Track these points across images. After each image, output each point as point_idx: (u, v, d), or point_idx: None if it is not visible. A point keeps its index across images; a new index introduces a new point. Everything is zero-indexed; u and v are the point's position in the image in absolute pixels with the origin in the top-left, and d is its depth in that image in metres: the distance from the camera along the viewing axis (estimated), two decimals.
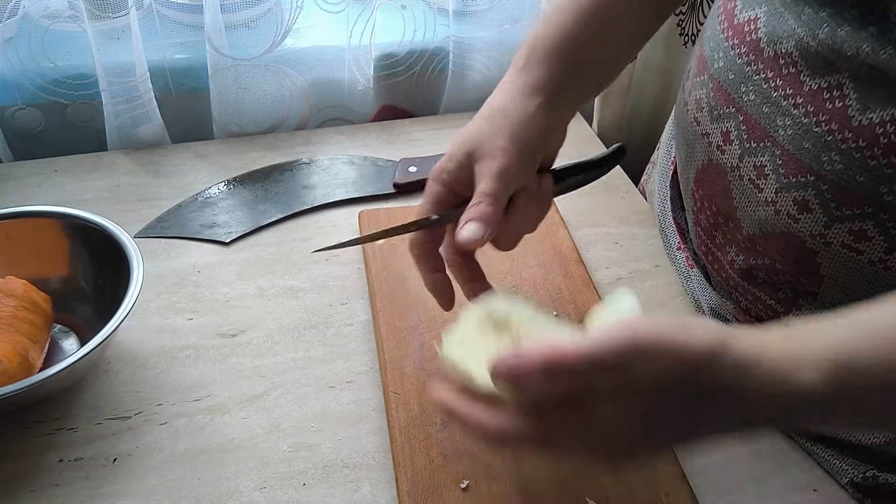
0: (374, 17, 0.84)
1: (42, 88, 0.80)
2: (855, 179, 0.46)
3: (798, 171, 0.48)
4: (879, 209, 0.45)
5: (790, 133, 0.48)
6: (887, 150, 0.44)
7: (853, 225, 0.47)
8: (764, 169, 0.51)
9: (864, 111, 0.44)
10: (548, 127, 0.52)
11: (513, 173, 0.50)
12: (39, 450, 0.53)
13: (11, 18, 0.76)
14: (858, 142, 0.45)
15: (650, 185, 0.80)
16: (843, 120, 0.45)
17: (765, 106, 0.50)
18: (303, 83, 0.87)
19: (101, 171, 0.80)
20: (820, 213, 0.48)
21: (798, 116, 0.48)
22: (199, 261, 0.70)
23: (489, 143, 0.50)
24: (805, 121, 0.47)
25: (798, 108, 0.48)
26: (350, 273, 0.69)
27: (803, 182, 0.48)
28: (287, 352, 0.62)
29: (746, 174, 0.52)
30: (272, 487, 0.52)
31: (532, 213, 0.53)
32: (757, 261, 0.55)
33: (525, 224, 0.53)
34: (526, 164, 0.51)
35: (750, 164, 0.52)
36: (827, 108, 0.46)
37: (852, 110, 0.45)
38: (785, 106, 0.49)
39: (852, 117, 0.45)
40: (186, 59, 0.84)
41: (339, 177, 0.81)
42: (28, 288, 0.57)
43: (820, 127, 0.46)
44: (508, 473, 0.52)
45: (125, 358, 0.60)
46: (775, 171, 0.50)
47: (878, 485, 0.53)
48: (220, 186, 0.79)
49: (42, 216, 0.61)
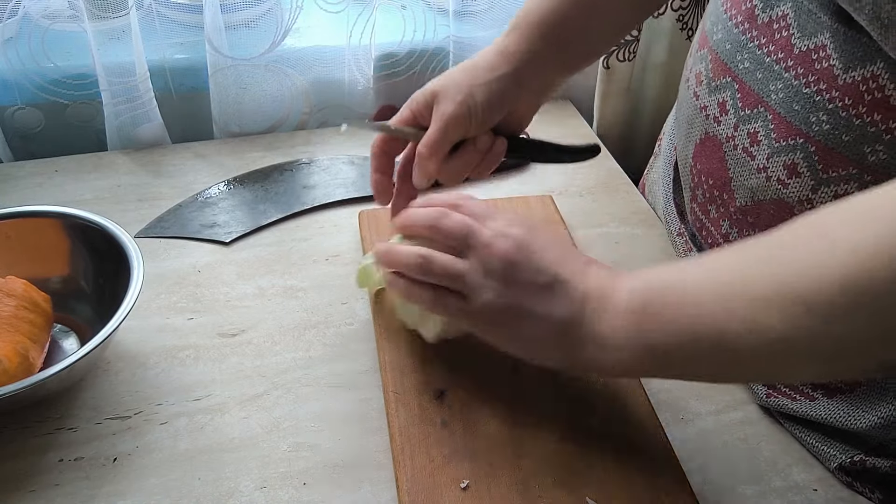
0: (374, 17, 0.84)
1: (42, 88, 0.80)
2: (841, 139, 0.47)
3: (788, 133, 0.50)
4: (863, 170, 0.47)
5: (781, 96, 0.51)
6: (871, 107, 0.45)
7: (838, 188, 0.48)
8: (757, 135, 0.53)
9: (846, 70, 0.46)
10: (507, 95, 0.57)
11: (458, 126, 0.56)
12: (39, 450, 0.53)
13: (11, 18, 0.76)
14: (845, 100, 0.46)
15: (652, 174, 0.80)
16: (829, 79, 0.47)
17: (758, 72, 0.52)
18: (303, 83, 0.87)
19: (102, 171, 0.80)
20: (808, 176, 0.50)
21: (789, 79, 0.50)
22: (199, 261, 0.70)
23: (450, 92, 0.56)
24: (795, 83, 0.49)
25: (789, 70, 0.50)
26: (350, 273, 0.69)
27: (793, 145, 0.50)
28: (287, 351, 0.62)
29: (741, 143, 0.55)
30: (272, 487, 0.52)
31: (473, 163, 0.59)
32: (748, 232, 0.56)
33: (465, 170, 0.59)
34: (474, 122, 0.57)
35: (744, 131, 0.54)
36: (815, 69, 0.48)
37: (837, 69, 0.46)
38: (777, 70, 0.51)
39: (837, 76, 0.47)
40: (186, 59, 0.84)
41: (339, 177, 0.81)
42: (28, 288, 0.57)
43: (809, 88, 0.48)
44: (508, 473, 0.52)
45: (125, 358, 0.60)
46: (767, 136, 0.52)
47: (865, 469, 0.54)
48: (220, 186, 0.79)
49: (42, 216, 0.61)
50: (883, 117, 0.45)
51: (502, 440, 0.54)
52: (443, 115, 0.56)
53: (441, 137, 0.56)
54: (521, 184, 0.82)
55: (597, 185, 0.83)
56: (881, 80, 0.44)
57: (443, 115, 0.56)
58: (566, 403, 0.56)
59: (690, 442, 0.57)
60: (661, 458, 0.53)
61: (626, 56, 0.91)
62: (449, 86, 0.57)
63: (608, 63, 0.92)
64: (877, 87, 0.44)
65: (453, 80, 0.57)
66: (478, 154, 0.59)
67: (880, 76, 0.44)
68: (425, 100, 0.58)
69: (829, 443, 0.56)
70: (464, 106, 0.56)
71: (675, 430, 0.57)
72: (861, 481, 0.55)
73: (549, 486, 0.51)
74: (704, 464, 0.55)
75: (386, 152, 0.61)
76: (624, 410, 0.56)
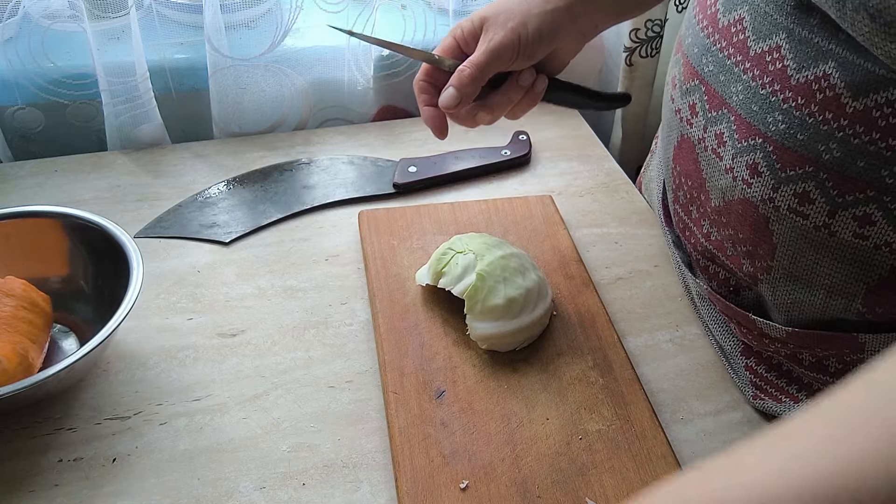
0: (374, 17, 0.84)
1: (42, 88, 0.80)
2: (796, 138, 0.48)
3: (748, 134, 0.51)
4: (819, 168, 0.47)
5: (741, 98, 0.51)
6: (822, 106, 0.46)
7: (797, 187, 0.49)
8: (723, 136, 0.53)
9: (799, 70, 0.46)
10: (558, 29, 0.57)
11: (505, 55, 0.55)
12: (39, 450, 0.53)
13: (11, 18, 0.76)
14: (798, 100, 0.47)
15: (648, 173, 0.81)
16: (783, 80, 0.48)
17: (721, 74, 0.53)
18: (302, 83, 0.87)
19: (101, 171, 0.80)
20: (768, 175, 0.50)
21: (747, 81, 0.50)
22: (198, 261, 0.70)
23: (500, 18, 0.55)
24: (753, 84, 0.50)
25: (747, 72, 0.50)
26: (349, 273, 0.69)
27: (753, 145, 0.51)
28: (287, 352, 0.62)
29: (710, 144, 0.55)
30: (272, 487, 0.52)
31: (514, 99, 0.58)
32: (723, 232, 0.56)
33: (506, 106, 0.59)
34: (523, 53, 0.56)
35: (712, 133, 0.55)
36: (769, 70, 0.48)
37: (790, 70, 0.47)
38: (737, 72, 0.51)
39: (790, 76, 0.47)
40: (186, 59, 0.84)
41: (339, 177, 0.81)
42: (28, 288, 0.57)
43: (765, 89, 0.49)
44: (508, 473, 0.52)
45: (125, 358, 0.60)
46: (731, 137, 0.52)
47: None
48: (220, 186, 0.79)
49: (42, 216, 0.61)
50: (834, 115, 0.45)
51: (502, 440, 0.54)
52: (492, 41, 0.55)
53: (487, 61, 0.55)
54: (521, 184, 0.82)
55: (596, 186, 0.83)
56: (832, 79, 0.45)
57: (492, 40, 0.55)
58: (566, 404, 0.56)
59: (690, 442, 0.57)
60: (661, 459, 0.53)
61: (648, 52, 0.91)
62: (500, 12, 0.56)
63: (631, 60, 0.91)
64: (828, 86, 0.45)
65: (505, 7, 0.56)
66: (520, 90, 0.58)
67: (831, 75, 0.45)
68: (472, 26, 0.57)
69: None
70: (515, 34, 0.55)
71: (675, 430, 0.57)
72: None
73: (548, 487, 0.51)
74: None
75: (431, 83, 0.59)
76: (624, 410, 0.56)
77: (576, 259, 0.69)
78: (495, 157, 0.83)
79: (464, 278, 0.59)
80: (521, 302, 0.59)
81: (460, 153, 0.83)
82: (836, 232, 0.48)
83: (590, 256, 0.73)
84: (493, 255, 0.60)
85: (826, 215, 0.48)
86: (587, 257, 0.72)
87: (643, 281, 0.71)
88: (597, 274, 0.71)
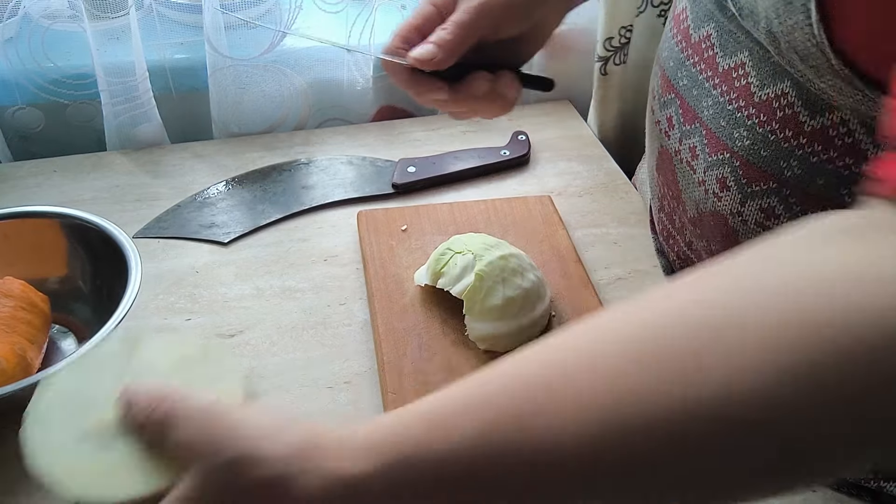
0: (374, 17, 0.84)
1: (42, 88, 0.80)
2: (760, 154, 0.48)
3: (717, 148, 0.51)
4: (782, 185, 0.48)
5: (711, 112, 0.51)
6: (783, 123, 0.46)
7: (762, 202, 0.49)
8: (695, 149, 0.54)
9: (762, 87, 0.47)
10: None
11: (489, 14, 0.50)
12: None
13: (11, 18, 0.76)
14: (760, 116, 0.47)
15: (640, 175, 0.81)
16: (747, 97, 0.48)
17: (694, 89, 0.53)
18: (302, 83, 0.87)
19: (100, 172, 0.80)
20: (735, 190, 0.50)
21: (716, 96, 0.50)
22: (197, 261, 0.70)
23: None
24: (721, 99, 0.50)
25: (716, 88, 0.50)
26: (348, 274, 0.69)
27: (721, 159, 0.51)
28: (285, 352, 0.62)
29: (685, 156, 0.55)
30: None
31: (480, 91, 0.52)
32: (699, 243, 0.57)
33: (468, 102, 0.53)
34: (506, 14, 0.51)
35: (686, 146, 0.55)
36: (735, 87, 0.49)
37: (753, 87, 0.47)
38: (707, 87, 0.51)
39: (754, 93, 0.47)
40: (186, 59, 0.84)
41: (338, 177, 0.81)
42: (26, 288, 0.57)
43: (732, 104, 0.49)
44: None
45: None
46: (703, 150, 0.53)
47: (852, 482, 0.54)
48: (219, 187, 0.79)
49: (41, 216, 0.61)
50: (794, 133, 0.46)
51: None
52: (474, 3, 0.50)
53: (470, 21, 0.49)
54: (520, 184, 0.82)
55: (596, 186, 0.83)
56: (790, 97, 0.45)
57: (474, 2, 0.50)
58: None
59: None
60: None
61: (621, 60, 0.91)
62: None
63: (606, 70, 0.91)
64: (787, 105, 0.45)
65: None
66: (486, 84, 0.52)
67: (789, 94, 0.45)
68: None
69: None
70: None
71: None
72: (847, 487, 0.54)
73: None
74: None
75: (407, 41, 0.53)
76: None
77: (575, 259, 0.69)
78: (494, 158, 0.83)
79: (462, 278, 0.59)
80: (520, 302, 0.59)
81: (459, 153, 0.83)
82: None
83: (589, 256, 0.73)
84: (491, 256, 0.60)
85: None
86: (586, 257, 0.72)
87: (642, 281, 0.71)
88: (596, 274, 0.71)
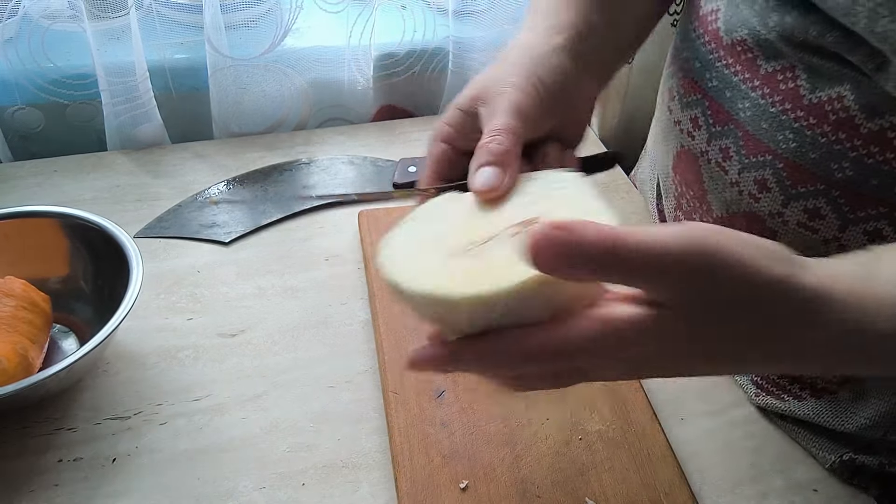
0: (374, 17, 0.84)
1: (42, 88, 0.80)
2: (808, 157, 0.48)
3: (757, 150, 0.51)
4: (831, 186, 0.47)
5: (749, 115, 0.51)
6: (836, 126, 0.46)
7: (807, 203, 0.49)
8: (728, 150, 0.53)
9: (813, 90, 0.47)
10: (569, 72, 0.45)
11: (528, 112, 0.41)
12: (39, 450, 0.53)
13: (11, 18, 0.76)
14: (809, 119, 0.47)
15: (640, 175, 0.81)
16: (795, 99, 0.48)
17: (727, 91, 0.52)
18: (302, 83, 0.87)
19: (101, 172, 0.80)
20: (777, 191, 0.50)
21: (756, 98, 0.50)
22: (198, 261, 0.70)
23: (498, 83, 0.42)
24: (762, 102, 0.50)
25: (755, 90, 0.50)
26: (349, 273, 0.69)
27: (762, 161, 0.51)
28: (286, 352, 0.62)
29: (713, 157, 0.55)
30: (271, 487, 0.52)
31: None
32: None
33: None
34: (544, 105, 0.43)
35: (716, 146, 0.54)
36: (780, 90, 0.48)
37: (803, 90, 0.47)
38: (744, 89, 0.51)
39: (803, 96, 0.47)
40: (186, 59, 0.84)
41: (339, 177, 0.81)
42: (27, 288, 0.57)
43: (775, 107, 0.49)
44: (508, 473, 0.52)
45: (124, 358, 0.60)
46: (738, 152, 0.52)
47: (857, 467, 0.54)
48: (220, 186, 0.79)
49: (41, 216, 0.61)
50: (848, 136, 0.45)
51: (502, 440, 0.54)
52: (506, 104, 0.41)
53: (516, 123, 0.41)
54: None
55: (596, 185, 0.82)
56: (846, 100, 0.45)
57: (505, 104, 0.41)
58: (566, 403, 0.56)
59: (690, 442, 0.57)
60: (661, 459, 0.53)
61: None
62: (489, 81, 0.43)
63: None
64: (842, 108, 0.45)
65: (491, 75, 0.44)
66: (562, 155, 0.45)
67: (846, 97, 0.45)
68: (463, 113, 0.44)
69: (820, 442, 0.56)
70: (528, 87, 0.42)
71: (675, 430, 0.57)
72: (859, 477, 0.55)
73: (548, 487, 0.51)
74: (704, 464, 0.55)
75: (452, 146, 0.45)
76: (624, 410, 0.56)
77: None
78: None
79: None
80: None
81: None
82: (847, 245, 0.48)
83: None
84: None
85: (836, 230, 0.48)
86: None
87: None
88: None
